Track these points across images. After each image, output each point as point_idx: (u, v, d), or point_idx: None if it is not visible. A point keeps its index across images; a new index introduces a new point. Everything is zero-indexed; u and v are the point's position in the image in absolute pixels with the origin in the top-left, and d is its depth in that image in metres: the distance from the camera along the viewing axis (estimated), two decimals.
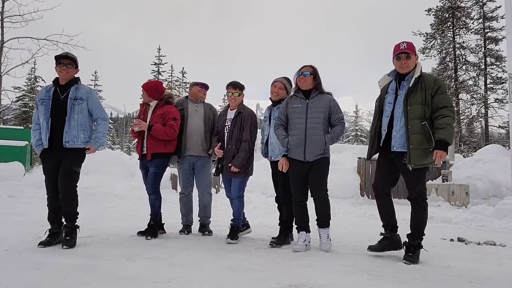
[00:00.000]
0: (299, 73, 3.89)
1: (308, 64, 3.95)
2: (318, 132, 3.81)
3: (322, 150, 3.83)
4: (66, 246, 3.45)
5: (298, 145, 3.82)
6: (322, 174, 3.88)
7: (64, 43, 15.79)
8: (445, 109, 3.32)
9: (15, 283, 2.41)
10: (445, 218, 6.76)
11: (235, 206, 4.31)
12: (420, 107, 3.34)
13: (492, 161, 11.53)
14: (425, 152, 3.34)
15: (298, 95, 3.92)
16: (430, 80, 3.43)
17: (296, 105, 3.89)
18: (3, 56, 16.27)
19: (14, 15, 16.16)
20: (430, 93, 3.37)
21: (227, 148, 4.28)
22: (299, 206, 3.91)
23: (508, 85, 7.84)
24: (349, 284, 2.65)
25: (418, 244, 3.42)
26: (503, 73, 23.35)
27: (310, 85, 3.88)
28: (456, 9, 24.65)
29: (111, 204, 8.04)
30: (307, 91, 3.89)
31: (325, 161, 3.89)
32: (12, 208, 6.56)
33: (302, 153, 3.82)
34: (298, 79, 3.89)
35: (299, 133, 3.83)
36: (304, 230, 3.86)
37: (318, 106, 3.84)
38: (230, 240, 4.07)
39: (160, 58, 35.06)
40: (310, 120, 3.81)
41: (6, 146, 11.85)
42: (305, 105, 3.86)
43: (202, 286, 2.50)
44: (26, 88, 29.54)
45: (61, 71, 3.67)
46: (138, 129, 4.32)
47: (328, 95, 3.92)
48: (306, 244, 3.81)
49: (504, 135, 25.35)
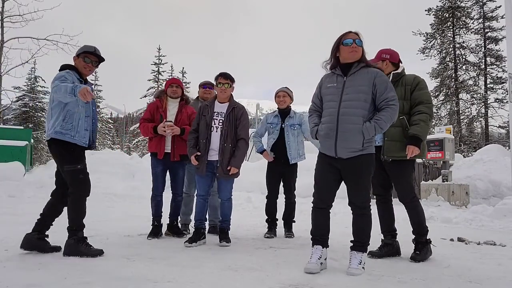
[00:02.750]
0: (347, 41, 2.97)
1: (353, 31, 3.05)
2: (354, 120, 2.90)
3: (360, 143, 2.91)
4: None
5: (327, 136, 2.98)
6: (357, 178, 2.98)
7: (64, 43, 15.86)
8: (422, 105, 3.39)
9: (15, 283, 2.41)
10: (445, 218, 6.75)
11: (226, 208, 4.05)
12: (399, 102, 3.29)
13: (492, 161, 11.54)
14: (400, 145, 3.38)
15: (335, 72, 3.08)
16: (410, 77, 3.54)
17: (331, 84, 3.06)
18: (3, 56, 16.30)
19: (14, 15, 16.23)
20: (410, 89, 3.46)
21: (222, 147, 3.89)
22: (320, 214, 3.09)
23: (508, 85, 7.84)
24: (349, 284, 2.65)
25: (426, 241, 3.45)
26: (503, 73, 23.37)
27: (359, 56, 3.01)
28: (456, 9, 24.66)
29: (111, 204, 8.05)
30: (348, 65, 3.02)
31: (365, 160, 2.95)
32: (12, 208, 6.56)
33: (332, 147, 2.96)
34: (347, 48, 2.97)
35: (330, 121, 2.98)
36: (321, 244, 3.05)
37: (357, 84, 2.95)
38: (225, 243, 3.93)
39: (160, 58, 35.06)
40: (344, 103, 2.94)
41: (6, 146, 11.85)
42: (341, 84, 3.00)
43: (202, 286, 2.50)
44: (26, 88, 29.52)
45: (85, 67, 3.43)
46: (171, 133, 4.16)
47: (374, 69, 3.02)
48: (321, 262, 2.98)
49: (504, 135, 25.36)
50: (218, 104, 4.05)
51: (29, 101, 28.62)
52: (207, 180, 4.00)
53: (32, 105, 28.96)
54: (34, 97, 28.41)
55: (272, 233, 4.61)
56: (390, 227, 3.62)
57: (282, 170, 4.70)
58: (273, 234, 4.59)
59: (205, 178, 3.98)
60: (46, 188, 9.58)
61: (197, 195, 4.06)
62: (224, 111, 3.99)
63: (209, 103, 4.07)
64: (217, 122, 3.96)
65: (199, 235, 3.93)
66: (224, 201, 4.05)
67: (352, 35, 3.00)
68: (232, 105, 4.02)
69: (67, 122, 3.26)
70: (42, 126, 29.06)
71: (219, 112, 4.00)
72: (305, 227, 5.30)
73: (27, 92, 28.55)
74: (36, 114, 29.23)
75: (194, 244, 3.83)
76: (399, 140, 3.38)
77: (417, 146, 3.30)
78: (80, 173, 3.29)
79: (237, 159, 3.90)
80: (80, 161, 3.32)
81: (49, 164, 13.00)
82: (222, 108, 4.02)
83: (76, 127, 3.29)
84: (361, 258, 2.96)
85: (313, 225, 3.14)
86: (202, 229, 3.99)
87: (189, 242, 3.84)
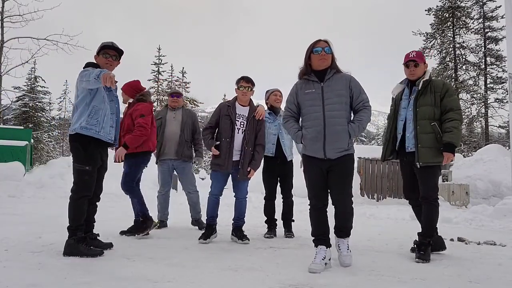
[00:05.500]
0: (317, 49, 3.14)
1: (322, 39, 3.21)
2: (340, 121, 3.10)
3: (346, 144, 3.12)
4: None
5: (316, 139, 3.13)
6: (345, 175, 3.19)
7: (64, 43, 15.84)
8: (452, 112, 3.49)
9: (15, 283, 2.41)
10: (445, 218, 6.75)
11: (243, 206, 4.22)
12: (430, 108, 3.50)
13: (492, 161, 11.54)
14: (434, 151, 3.47)
15: (309, 78, 3.21)
16: (439, 83, 3.62)
17: (308, 90, 3.19)
18: (3, 56, 16.29)
19: (14, 15, 16.20)
20: (440, 95, 3.54)
21: (244, 149, 4.06)
22: (318, 213, 3.21)
23: (508, 85, 7.84)
24: (349, 284, 2.65)
25: (429, 242, 3.51)
26: (503, 73, 23.35)
27: (329, 64, 3.18)
28: (456, 8, 24.65)
29: (111, 204, 8.05)
30: (321, 72, 3.18)
31: (349, 159, 3.19)
32: (12, 208, 6.56)
33: (321, 149, 3.12)
34: (317, 57, 3.14)
35: (316, 124, 3.13)
36: (324, 244, 3.12)
37: (336, 89, 3.13)
38: (242, 241, 4.07)
39: (160, 58, 35.03)
40: (328, 106, 3.11)
41: (6, 146, 11.84)
42: (319, 89, 3.15)
43: (202, 286, 2.50)
44: (26, 88, 29.50)
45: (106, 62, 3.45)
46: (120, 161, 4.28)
47: (346, 74, 3.23)
48: (326, 263, 3.02)
49: (504, 135, 25.33)
50: (239, 107, 4.17)
51: (29, 101, 28.58)
52: (223, 180, 4.16)
53: (32, 105, 28.90)
54: (34, 97, 28.37)
55: (272, 233, 4.62)
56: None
57: (279, 169, 4.71)
58: (273, 234, 4.60)
59: (221, 177, 4.13)
60: (46, 188, 9.60)
61: (210, 194, 4.17)
62: (246, 114, 4.14)
63: (230, 104, 4.19)
64: (239, 124, 4.10)
65: (211, 231, 4.13)
66: (241, 199, 4.21)
67: (321, 43, 3.18)
68: (253, 110, 4.18)
69: (92, 117, 3.29)
70: (42, 126, 29.06)
71: (241, 114, 4.14)
72: (304, 227, 5.31)
73: (27, 92, 28.51)
74: (36, 114, 29.19)
75: (208, 240, 4.05)
76: (432, 147, 3.47)
77: (452, 153, 3.44)
78: (87, 174, 3.31)
79: (257, 163, 4.14)
80: (92, 161, 3.35)
81: (49, 164, 12.99)
82: (243, 111, 4.16)
83: (101, 122, 3.33)
84: (348, 243, 3.22)
85: (312, 225, 3.23)
86: (214, 225, 4.18)
87: (203, 238, 4.05)
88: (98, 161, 3.42)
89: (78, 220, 3.28)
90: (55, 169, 11.23)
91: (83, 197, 3.31)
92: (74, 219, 3.27)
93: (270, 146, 4.69)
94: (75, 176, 3.32)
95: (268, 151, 4.68)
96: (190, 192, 4.99)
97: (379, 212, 7.92)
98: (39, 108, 29.77)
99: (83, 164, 3.30)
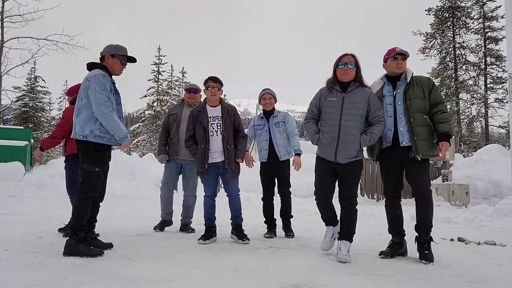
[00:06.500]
0: (341, 64, 3.48)
1: (349, 53, 3.53)
2: (354, 132, 3.43)
3: (356, 152, 3.46)
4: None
5: (329, 144, 3.46)
6: (352, 179, 3.53)
7: (64, 43, 15.82)
8: (442, 105, 3.56)
9: (15, 283, 2.41)
10: (445, 218, 6.76)
11: (236, 203, 4.21)
12: (421, 101, 3.51)
13: (492, 161, 11.54)
14: (430, 144, 3.48)
15: (334, 87, 3.52)
16: (424, 78, 3.68)
17: (331, 98, 3.51)
18: (3, 56, 16.27)
19: (14, 15, 16.17)
20: (428, 89, 3.56)
21: (226, 149, 4.04)
22: (327, 204, 3.58)
23: (508, 84, 7.84)
24: (349, 284, 2.65)
25: (430, 238, 3.50)
26: (503, 73, 23.34)
27: (352, 77, 3.49)
28: (456, 8, 24.65)
29: (111, 204, 8.04)
30: (345, 83, 3.50)
31: (358, 165, 3.52)
32: (12, 208, 6.56)
33: (333, 154, 3.46)
34: (340, 71, 3.47)
35: (331, 131, 3.46)
36: (332, 224, 3.63)
37: (355, 101, 3.44)
38: (242, 241, 4.06)
39: (160, 58, 34.98)
40: (345, 117, 3.43)
41: (6, 146, 11.83)
42: (340, 99, 3.46)
43: (202, 286, 2.50)
44: (26, 88, 29.49)
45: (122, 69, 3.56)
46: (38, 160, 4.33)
47: (368, 89, 3.53)
48: (335, 238, 3.60)
49: (504, 135, 25.33)
50: (210, 108, 4.14)
51: (29, 101, 28.58)
52: (213, 181, 4.19)
53: (32, 105, 28.90)
54: (34, 97, 28.36)
55: (272, 233, 4.62)
56: (400, 227, 3.67)
57: (274, 169, 4.71)
58: (273, 234, 4.60)
59: (210, 179, 4.15)
60: (46, 188, 9.59)
61: (205, 196, 4.19)
62: (219, 115, 4.11)
63: (200, 109, 4.14)
64: (215, 126, 4.09)
65: (211, 233, 4.13)
66: (234, 197, 4.21)
67: (346, 58, 3.49)
68: (225, 108, 4.15)
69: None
70: (42, 126, 29.03)
71: (215, 116, 4.11)
72: (304, 227, 5.32)
73: (27, 92, 28.50)
74: (36, 114, 29.17)
75: (207, 241, 4.02)
76: (428, 139, 3.48)
77: (449, 142, 3.47)
78: (95, 175, 3.33)
79: (242, 152, 4.16)
80: (102, 163, 3.38)
81: (49, 164, 12.99)
82: (216, 112, 4.13)
83: None
84: (349, 247, 3.42)
85: (323, 214, 3.66)
86: (213, 227, 4.18)
87: (203, 239, 4.04)
88: (108, 163, 3.47)
89: (81, 220, 3.29)
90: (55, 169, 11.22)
91: (90, 197, 3.32)
92: (78, 219, 3.28)
93: (264, 153, 4.70)
94: (83, 176, 3.32)
95: (262, 157, 4.71)
96: (188, 195, 4.83)
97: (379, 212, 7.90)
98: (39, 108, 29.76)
99: (93, 166, 3.31)
